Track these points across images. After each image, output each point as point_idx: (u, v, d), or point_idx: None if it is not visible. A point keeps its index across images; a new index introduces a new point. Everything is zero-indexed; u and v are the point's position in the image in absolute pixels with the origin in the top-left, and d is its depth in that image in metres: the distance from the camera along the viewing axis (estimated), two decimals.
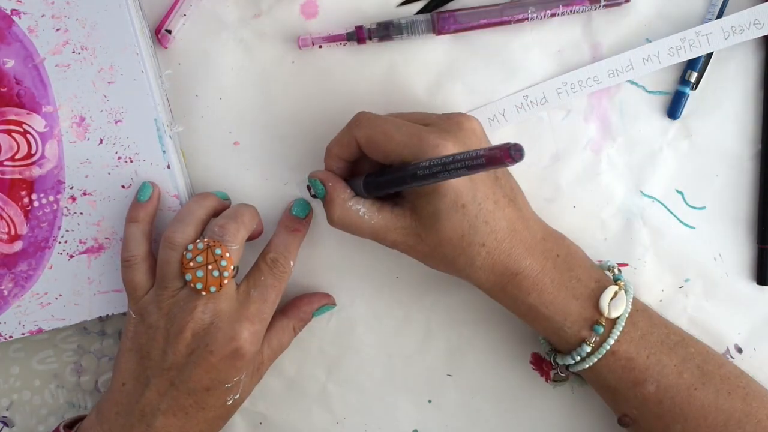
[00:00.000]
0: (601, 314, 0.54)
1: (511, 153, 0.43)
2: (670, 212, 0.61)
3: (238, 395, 0.57)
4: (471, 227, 0.53)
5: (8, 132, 0.57)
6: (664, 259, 0.61)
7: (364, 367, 0.63)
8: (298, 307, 0.60)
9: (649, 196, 0.60)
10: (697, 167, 0.60)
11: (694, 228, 0.61)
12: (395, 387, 0.63)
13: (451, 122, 0.54)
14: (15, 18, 0.56)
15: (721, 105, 0.60)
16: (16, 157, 0.58)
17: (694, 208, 0.60)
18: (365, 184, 0.55)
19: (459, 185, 0.52)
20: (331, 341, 0.63)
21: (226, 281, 0.54)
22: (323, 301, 0.61)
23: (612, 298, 0.54)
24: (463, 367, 0.63)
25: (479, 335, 0.62)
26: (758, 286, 0.60)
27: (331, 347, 0.63)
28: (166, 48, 0.60)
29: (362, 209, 0.55)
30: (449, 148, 0.52)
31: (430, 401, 0.63)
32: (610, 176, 0.60)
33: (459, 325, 0.62)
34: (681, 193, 0.61)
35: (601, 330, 0.54)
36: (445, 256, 0.54)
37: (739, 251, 0.60)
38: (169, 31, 0.59)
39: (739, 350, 0.61)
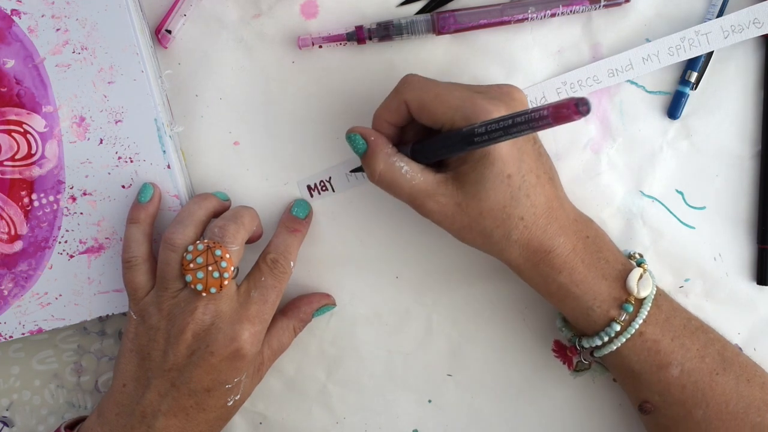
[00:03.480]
0: (629, 294, 0.54)
1: (578, 107, 0.41)
2: (670, 212, 0.61)
3: (238, 396, 0.57)
4: (513, 198, 0.52)
5: (8, 132, 0.57)
6: (664, 259, 0.61)
7: (364, 367, 0.63)
8: (298, 307, 0.60)
9: (649, 196, 0.61)
10: (697, 167, 0.60)
11: (694, 228, 0.61)
12: (395, 386, 0.63)
13: (501, 91, 0.54)
14: (15, 18, 0.56)
15: (721, 105, 0.60)
16: (16, 157, 0.58)
17: (694, 208, 0.61)
18: (413, 151, 0.54)
19: (507, 155, 0.52)
20: (331, 341, 0.63)
21: (226, 282, 0.54)
22: (323, 302, 0.61)
23: (639, 279, 0.54)
24: (465, 366, 0.63)
25: (480, 333, 0.62)
26: (758, 286, 0.60)
27: (331, 347, 0.63)
28: (166, 48, 0.60)
29: (405, 167, 0.54)
30: (502, 113, 0.51)
31: (430, 401, 0.63)
32: (610, 176, 0.60)
33: (460, 324, 0.62)
34: (681, 193, 0.61)
35: (631, 308, 0.54)
36: (484, 228, 0.53)
37: (739, 251, 0.60)
38: (169, 31, 0.59)
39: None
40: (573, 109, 0.41)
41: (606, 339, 0.55)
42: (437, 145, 0.53)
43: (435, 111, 0.53)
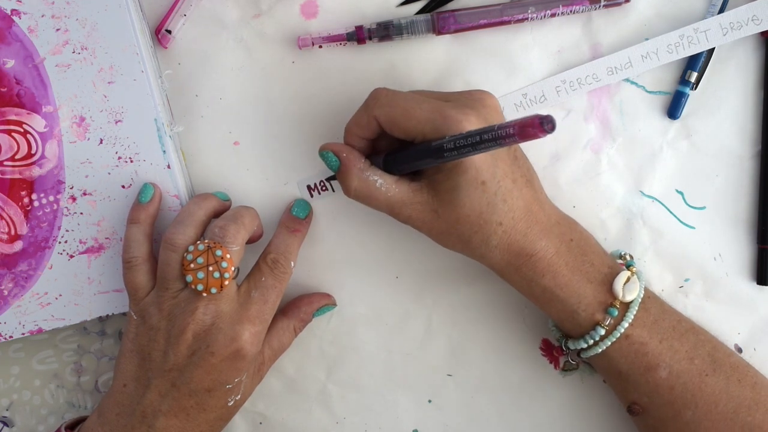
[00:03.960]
0: (615, 298, 0.54)
1: (543, 125, 0.41)
2: (670, 212, 0.61)
3: (239, 396, 0.57)
4: (489, 205, 0.52)
5: (8, 132, 0.57)
6: (664, 259, 0.61)
7: (364, 367, 0.63)
8: (299, 307, 0.60)
9: (649, 196, 0.61)
10: (697, 167, 0.60)
11: (694, 228, 0.61)
12: (395, 386, 0.63)
13: (472, 98, 0.53)
14: (15, 18, 0.56)
15: (721, 105, 0.60)
16: (16, 157, 0.58)
17: (694, 208, 0.61)
18: (385, 162, 0.55)
19: (480, 162, 0.52)
20: (331, 341, 0.63)
21: (226, 282, 0.54)
22: (323, 302, 0.61)
23: (625, 283, 0.54)
24: (464, 366, 0.63)
25: (480, 333, 0.62)
26: (758, 286, 0.60)
27: (331, 347, 0.63)
28: (166, 48, 0.60)
29: (380, 180, 0.54)
30: (473, 123, 0.51)
31: (430, 401, 0.63)
32: (610, 176, 0.60)
33: (459, 324, 0.62)
34: (681, 193, 0.61)
35: (616, 313, 0.54)
36: (462, 234, 0.54)
37: (739, 251, 0.60)
38: (169, 31, 0.59)
39: (739, 350, 0.61)
40: (538, 127, 0.42)
41: (591, 342, 0.55)
42: (409, 158, 0.53)
43: (405, 125, 0.53)
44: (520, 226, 0.53)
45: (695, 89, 0.59)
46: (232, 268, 0.54)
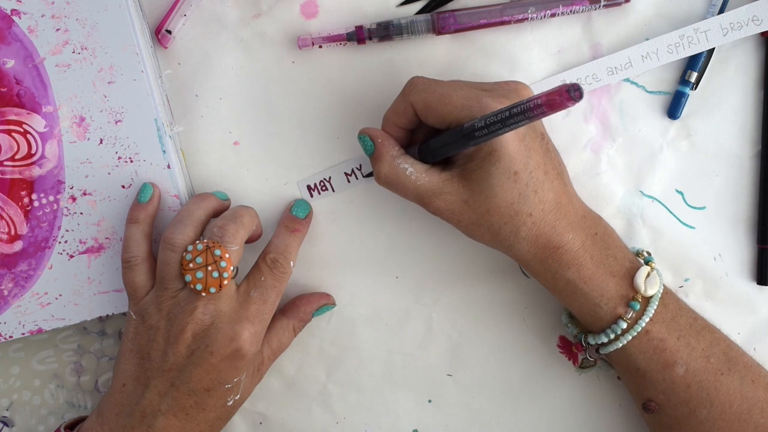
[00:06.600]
0: (636, 292, 0.54)
1: (570, 93, 0.41)
2: (670, 212, 0.61)
3: (238, 396, 0.57)
4: (521, 195, 0.53)
5: (8, 132, 0.57)
6: (664, 259, 0.61)
7: (364, 367, 0.63)
8: (298, 307, 0.60)
9: (649, 196, 0.61)
10: (697, 167, 0.60)
11: (694, 228, 0.61)
12: (395, 386, 0.63)
13: (508, 88, 0.54)
14: (15, 18, 0.56)
15: (721, 105, 0.60)
16: (16, 157, 0.58)
17: (694, 208, 0.61)
18: (420, 151, 0.55)
19: (513, 152, 0.52)
20: (331, 341, 0.63)
21: (225, 282, 0.54)
22: (323, 301, 0.61)
23: (646, 277, 0.54)
24: (464, 366, 0.63)
25: (480, 333, 0.62)
26: (758, 286, 0.60)
27: (331, 347, 0.63)
28: (166, 48, 0.60)
29: (410, 168, 0.54)
30: None
31: (430, 401, 0.63)
32: (610, 176, 0.60)
33: (460, 324, 0.62)
34: (681, 193, 0.61)
35: (637, 306, 0.54)
36: (492, 225, 0.54)
37: (739, 251, 0.60)
38: (169, 31, 0.59)
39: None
40: (565, 95, 0.42)
41: (612, 336, 0.55)
42: (441, 143, 0.53)
43: (440, 111, 0.53)
44: (549, 218, 0.53)
45: (695, 89, 0.59)
46: (231, 268, 0.54)
